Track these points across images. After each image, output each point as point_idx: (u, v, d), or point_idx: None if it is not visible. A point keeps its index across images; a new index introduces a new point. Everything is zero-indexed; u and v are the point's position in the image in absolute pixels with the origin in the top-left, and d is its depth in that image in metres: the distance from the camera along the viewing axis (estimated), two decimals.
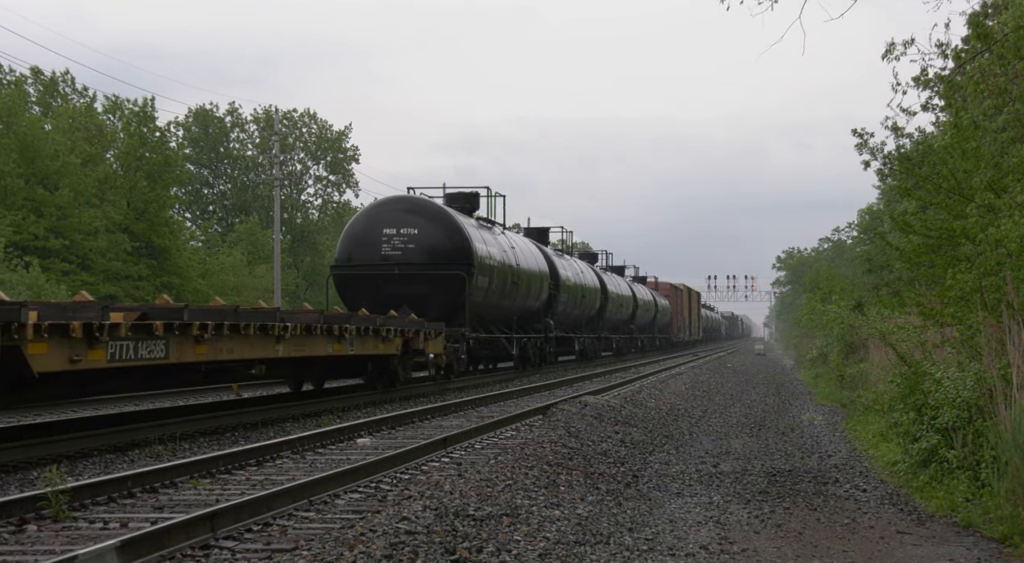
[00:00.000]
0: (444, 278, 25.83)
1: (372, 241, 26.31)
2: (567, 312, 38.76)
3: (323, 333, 17.48)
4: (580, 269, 41.88)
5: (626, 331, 52.98)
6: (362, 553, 6.76)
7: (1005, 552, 7.77)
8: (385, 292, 25.42)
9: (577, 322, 41.74)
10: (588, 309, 42.36)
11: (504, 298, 29.79)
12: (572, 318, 40.41)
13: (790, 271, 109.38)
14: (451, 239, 26.39)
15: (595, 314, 44.20)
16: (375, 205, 27.77)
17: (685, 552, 7.58)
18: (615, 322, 49.39)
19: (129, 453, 12.50)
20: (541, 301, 34.21)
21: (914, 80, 15.59)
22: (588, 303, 41.85)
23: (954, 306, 11.59)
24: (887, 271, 32.23)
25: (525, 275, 31.73)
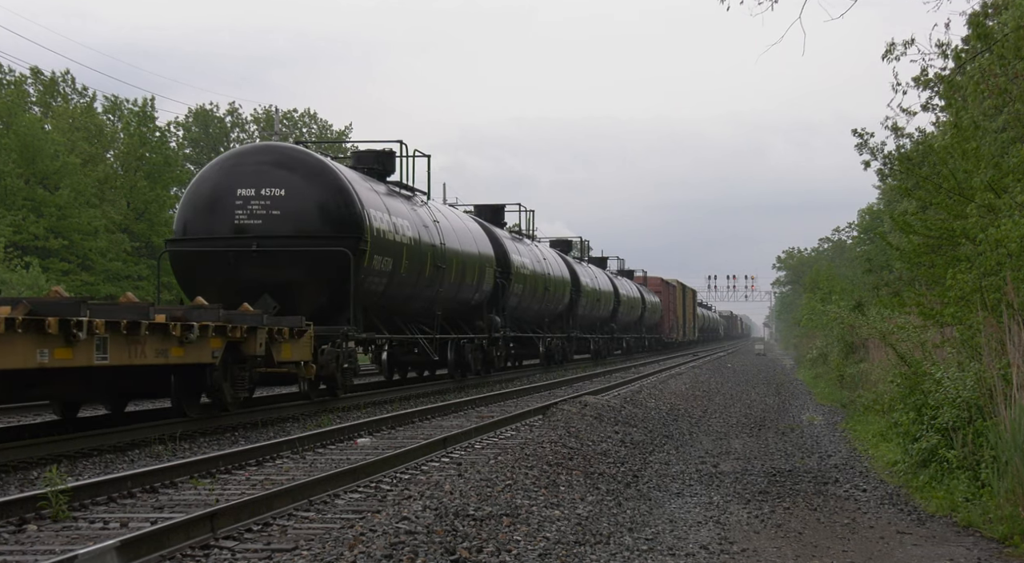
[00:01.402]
0: (322, 258, 18.67)
1: (222, 206, 18.98)
2: (523, 307, 32.87)
3: (28, 330, 10.77)
4: (542, 256, 35.69)
5: (605, 330, 47.75)
6: (362, 553, 6.76)
7: (1005, 552, 7.77)
8: (240, 278, 18.61)
9: (539, 319, 35.75)
10: (553, 304, 36.37)
11: (421, 287, 22.87)
12: (532, 314, 34.40)
13: (790, 271, 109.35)
14: (334, 204, 19.10)
15: (563, 310, 38.50)
16: (229, 156, 19.95)
17: (685, 552, 7.58)
18: (591, 320, 44.32)
19: (129, 453, 12.50)
20: (484, 293, 27.69)
21: (914, 80, 15.61)
22: (553, 297, 36.00)
23: (954, 306, 11.59)
24: (887, 271, 32.23)
25: (458, 259, 25.03)
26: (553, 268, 36.35)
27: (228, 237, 18.94)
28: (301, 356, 16.65)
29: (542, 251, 36.36)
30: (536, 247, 35.92)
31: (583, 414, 16.56)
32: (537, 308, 34.35)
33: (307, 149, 20.26)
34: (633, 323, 55.42)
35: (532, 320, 34.65)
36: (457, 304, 25.90)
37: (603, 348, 46.95)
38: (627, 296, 51.28)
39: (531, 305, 33.40)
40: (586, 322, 43.21)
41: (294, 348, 16.45)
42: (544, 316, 35.99)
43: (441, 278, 23.79)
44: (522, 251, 32.77)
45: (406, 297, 22.31)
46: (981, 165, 12.21)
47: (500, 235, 31.19)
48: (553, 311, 36.93)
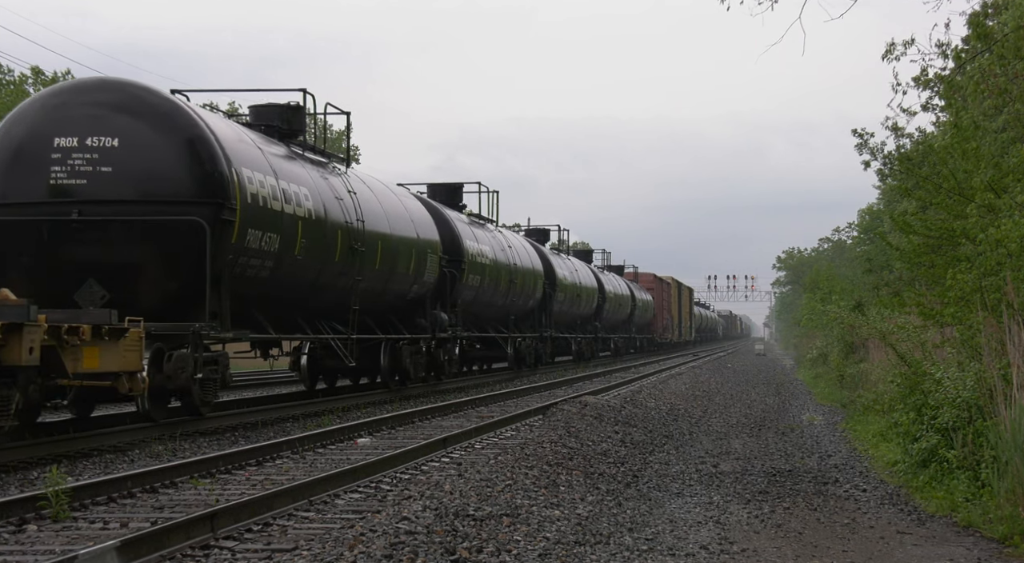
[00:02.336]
0: (169, 230, 14.16)
1: (34, 160, 14.26)
2: (481, 302, 27.64)
3: None
4: (506, 244, 30.36)
5: (588, 330, 43.70)
6: (362, 553, 6.76)
7: (1005, 552, 7.77)
8: (58, 257, 14.09)
9: (503, 316, 30.35)
10: (521, 299, 31.43)
11: (330, 275, 17.88)
12: (494, 311, 29.35)
13: (790, 271, 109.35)
14: (188, 159, 14.42)
15: (535, 306, 33.48)
16: (51, 94, 15.02)
17: (685, 552, 7.58)
18: (571, 318, 39.96)
19: (129, 453, 12.50)
20: (425, 284, 22.62)
21: (914, 80, 15.61)
22: (521, 291, 31.00)
23: (954, 306, 11.60)
24: (887, 271, 32.22)
25: (385, 242, 20.02)
26: (521, 258, 31.14)
27: (41, 202, 14.20)
28: (122, 366, 12.03)
29: (507, 238, 31.11)
30: (501, 234, 30.81)
31: (583, 414, 16.55)
32: (501, 303, 29.38)
33: (157, 90, 15.13)
34: (621, 322, 51.24)
35: (494, 317, 29.64)
36: (388, 297, 21.04)
37: (586, 349, 43.25)
38: (614, 293, 47.41)
39: (493, 300, 28.49)
40: (564, 320, 39.08)
41: (106, 355, 11.81)
42: (510, 313, 30.69)
43: (360, 264, 18.87)
44: (480, 238, 27.69)
45: (305, 286, 17.27)
46: (981, 165, 12.21)
47: (451, 217, 26.12)
48: (522, 307, 31.86)
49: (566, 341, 40.67)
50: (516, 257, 30.85)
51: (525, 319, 32.97)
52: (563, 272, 37.35)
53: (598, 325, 44.66)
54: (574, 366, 39.21)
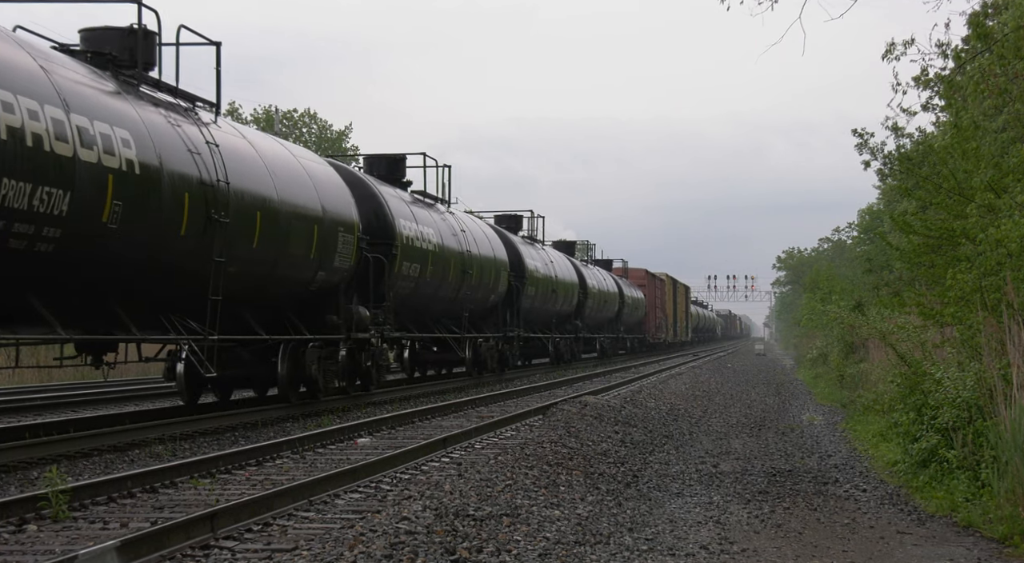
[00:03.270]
0: None
1: None
2: (423, 294, 23.06)
3: None
4: (458, 228, 25.80)
5: (567, 329, 39.16)
6: (362, 553, 6.76)
7: (1005, 552, 7.77)
8: None
9: (451, 314, 25.67)
10: (478, 293, 26.71)
11: (174, 253, 13.43)
12: (442, 306, 24.93)
13: (790, 271, 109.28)
14: None
15: (499, 301, 29.13)
16: None
17: (685, 552, 7.58)
18: (543, 315, 35.14)
19: (129, 453, 12.50)
20: (337, 272, 18.10)
21: (914, 80, 15.58)
22: (477, 284, 26.48)
23: (954, 306, 11.60)
24: (887, 271, 32.23)
25: (265, 212, 15.42)
26: (479, 246, 26.99)
27: None
28: None
29: (461, 222, 27.08)
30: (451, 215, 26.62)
31: (583, 414, 16.56)
32: (446, 297, 25.10)
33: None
34: (607, 321, 47.14)
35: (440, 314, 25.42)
36: (277, 288, 16.73)
37: (565, 351, 39.04)
38: (598, 288, 43.42)
39: (439, 293, 24.51)
40: (538, 318, 34.51)
41: None
42: (464, 309, 26.11)
43: (225, 240, 14.32)
44: (419, 217, 23.68)
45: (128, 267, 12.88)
46: (981, 165, 12.21)
47: (380, 191, 21.94)
48: (481, 302, 27.35)
49: (541, 342, 36.16)
50: (472, 244, 26.37)
51: (486, 317, 28.56)
52: (534, 263, 33.00)
53: (579, 324, 40.35)
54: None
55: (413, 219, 22.97)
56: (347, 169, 22.44)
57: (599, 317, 44.63)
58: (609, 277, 48.12)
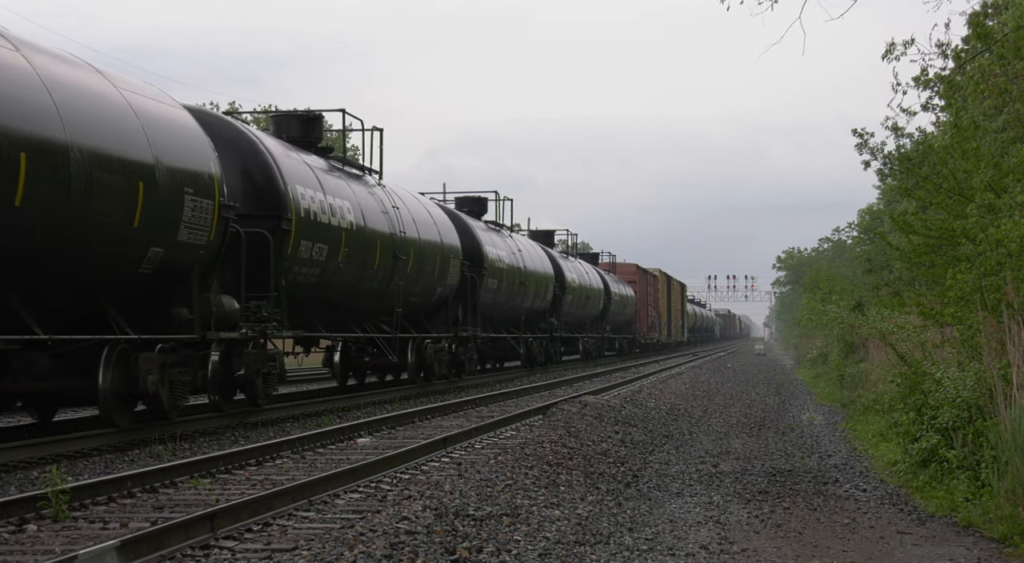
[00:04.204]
0: None
1: None
2: (335, 283, 18.71)
3: None
4: (388, 204, 21.30)
5: (541, 328, 34.93)
6: (362, 553, 6.76)
7: (1005, 552, 7.77)
8: None
9: (382, 309, 21.32)
10: (417, 284, 22.20)
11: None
12: (368, 300, 20.48)
13: (790, 271, 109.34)
14: None
15: (451, 295, 24.78)
16: None
17: (685, 552, 7.58)
18: (511, 312, 30.73)
19: (129, 453, 12.49)
20: (186, 249, 13.71)
21: (914, 80, 15.61)
22: (418, 274, 22.05)
23: (954, 306, 11.60)
24: (887, 271, 32.23)
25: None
26: (428, 231, 23.23)
27: None
28: None
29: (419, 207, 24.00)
30: (392, 194, 22.46)
31: (583, 414, 16.56)
32: (366, 289, 20.24)
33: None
34: (591, 319, 43.11)
35: (356, 312, 20.68)
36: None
37: (538, 352, 34.46)
38: (579, 283, 39.36)
39: (358, 283, 19.80)
40: (500, 315, 30.13)
41: None
42: (384, 299, 21.30)
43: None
44: (357, 193, 20.46)
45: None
46: (981, 165, 12.22)
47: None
48: (428, 296, 23.39)
49: (508, 342, 31.53)
50: (409, 225, 22.30)
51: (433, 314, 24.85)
52: (497, 252, 28.48)
53: (555, 322, 35.95)
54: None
55: (320, 188, 18.25)
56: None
57: (580, 314, 40.86)
58: (593, 271, 44.22)
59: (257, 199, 16.34)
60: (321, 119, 20.21)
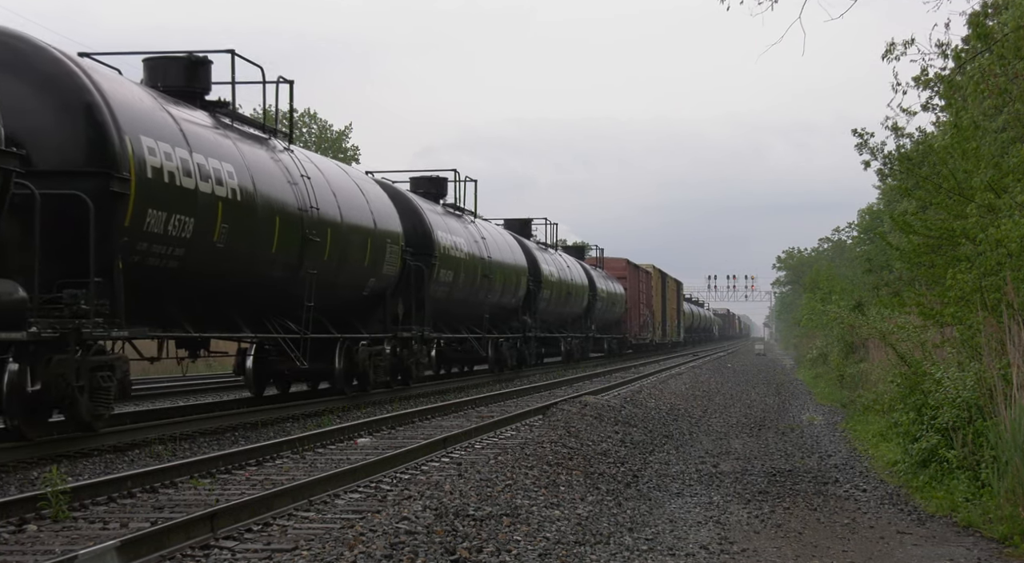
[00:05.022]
0: None
1: None
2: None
3: None
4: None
5: (513, 327, 30.86)
6: (362, 553, 6.77)
7: (1005, 552, 7.77)
8: None
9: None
10: (347, 275, 18.88)
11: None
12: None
13: (790, 271, 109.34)
14: None
15: (388, 287, 20.70)
16: None
17: (685, 552, 7.58)
18: (477, 309, 27.16)
19: (129, 453, 12.50)
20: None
21: (914, 80, 15.59)
22: (355, 265, 19.09)
23: (954, 306, 11.60)
24: (887, 271, 32.23)
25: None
26: (353, 213, 19.18)
27: None
28: None
29: (345, 177, 20.95)
30: (310, 161, 19.82)
31: (583, 414, 16.56)
32: (269, 280, 16.92)
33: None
34: (573, 318, 39.65)
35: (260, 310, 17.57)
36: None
37: (509, 354, 30.56)
38: (558, 278, 35.80)
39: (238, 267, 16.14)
40: (462, 312, 26.48)
41: None
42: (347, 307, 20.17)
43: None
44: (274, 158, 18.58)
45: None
46: (981, 165, 12.22)
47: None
48: (350, 290, 19.39)
49: (470, 343, 28.03)
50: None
51: (364, 312, 22.77)
52: (450, 238, 25.03)
53: (528, 321, 32.02)
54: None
55: (184, 145, 15.50)
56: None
57: (561, 312, 37.37)
58: (577, 265, 40.69)
59: (78, 150, 12.56)
60: (208, 65, 16.34)
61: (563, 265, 37.87)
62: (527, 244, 33.60)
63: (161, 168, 13.30)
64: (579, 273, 39.95)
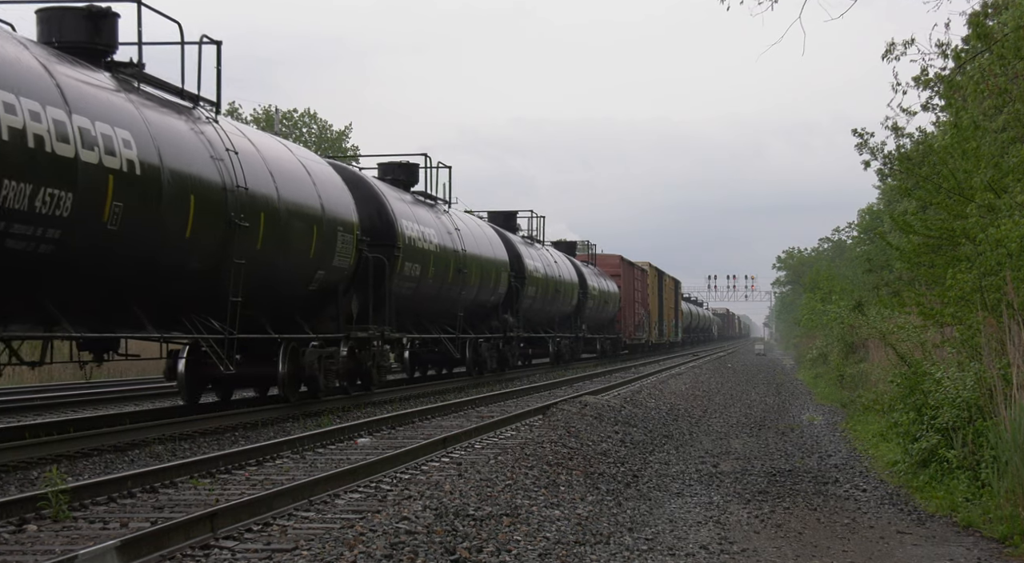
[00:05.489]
0: None
1: None
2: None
3: None
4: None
5: (492, 327, 28.64)
6: (362, 553, 6.77)
7: (1005, 552, 7.77)
8: None
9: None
10: (286, 266, 16.43)
11: None
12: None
13: (790, 271, 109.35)
14: None
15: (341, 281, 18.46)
16: None
17: (685, 552, 7.58)
18: (450, 306, 24.72)
19: (129, 453, 12.50)
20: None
21: (914, 80, 15.61)
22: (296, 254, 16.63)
23: (954, 306, 11.60)
24: (887, 271, 32.25)
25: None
26: (294, 191, 16.67)
27: None
28: None
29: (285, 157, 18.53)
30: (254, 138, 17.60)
31: (583, 414, 16.56)
32: None
33: None
34: (562, 317, 37.16)
35: None
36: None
37: (488, 356, 28.08)
38: (543, 274, 33.47)
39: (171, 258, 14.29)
40: (433, 310, 24.12)
41: None
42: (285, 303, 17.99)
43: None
44: None
45: None
46: (981, 165, 12.22)
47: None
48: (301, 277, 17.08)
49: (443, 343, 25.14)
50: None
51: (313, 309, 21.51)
52: (417, 228, 22.49)
53: (510, 320, 29.59)
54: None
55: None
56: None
57: (548, 311, 35.00)
58: (566, 261, 38.38)
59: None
60: (112, 18, 14.07)
61: (550, 260, 35.48)
62: (510, 237, 31.32)
63: (23, 130, 10.88)
64: (568, 269, 37.69)
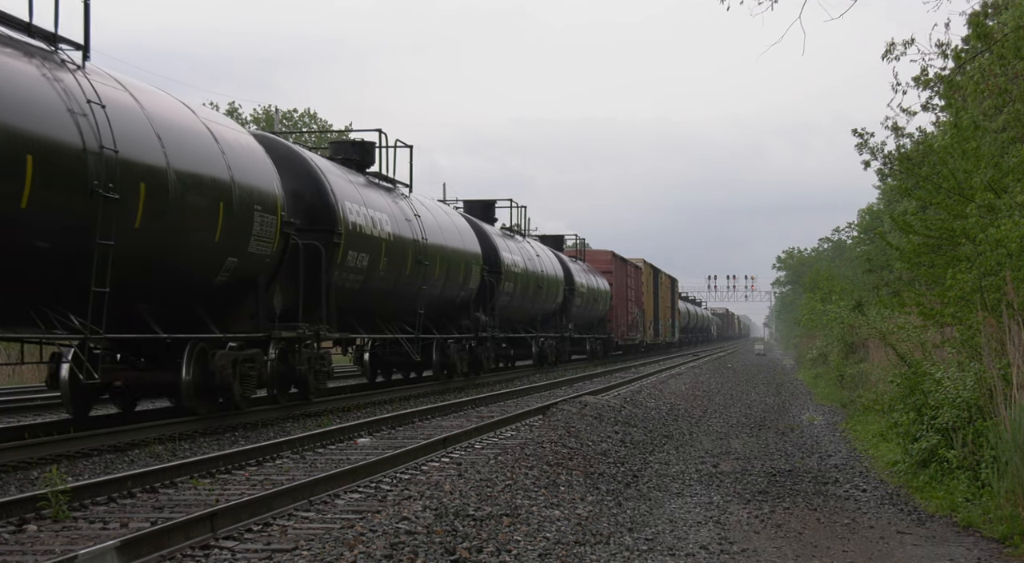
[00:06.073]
0: None
1: None
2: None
3: None
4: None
5: (464, 326, 26.21)
6: (362, 553, 6.77)
7: (1005, 552, 7.77)
8: None
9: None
10: (186, 254, 13.86)
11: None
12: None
13: (790, 271, 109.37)
14: None
15: (262, 273, 15.87)
16: None
17: (685, 552, 7.58)
18: (408, 303, 22.15)
19: (129, 453, 12.50)
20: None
21: (914, 80, 15.61)
22: (198, 239, 14.00)
23: (954, 306, 11.60)
24: (887, 271, 32.26)
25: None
26: (195, 156, 14.30)
27: None
28: None
29: None
30: None
31: (583, 414, 16.56)
32: None
33: None
34: (548, 316, 35.06)
35: None
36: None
37: (458, 358, 25.37)
38: (523, 269, 30.98)
39: None
40: (388, 307, 21.71)
41: None
42: None
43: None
44: None
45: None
46: (981, 165, 12.22)
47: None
48: (205, 269, 14.65)
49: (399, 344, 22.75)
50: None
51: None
52: (366, 212, 19.80)
53: (482, 318, 27.07)
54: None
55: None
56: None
57: (529, 309, 32.44)
58: (550, 255, 35.54)
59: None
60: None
61: (531, 254, 32.59)
62: (485, 228, 28.82)
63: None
64: (552, 264, 34.82)
